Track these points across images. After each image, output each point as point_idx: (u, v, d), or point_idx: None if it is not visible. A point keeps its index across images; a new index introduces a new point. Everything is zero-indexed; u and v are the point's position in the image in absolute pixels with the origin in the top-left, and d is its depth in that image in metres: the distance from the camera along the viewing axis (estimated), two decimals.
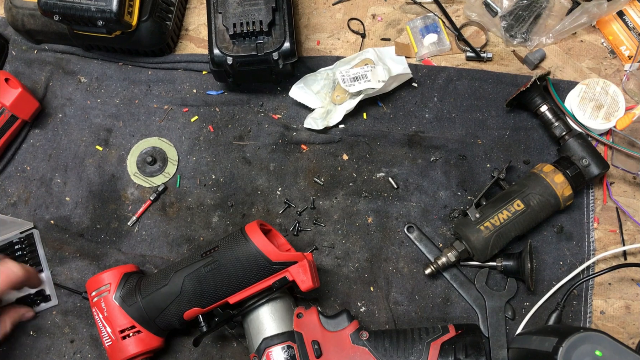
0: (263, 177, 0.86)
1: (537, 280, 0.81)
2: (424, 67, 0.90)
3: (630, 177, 0.85)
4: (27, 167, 0.88)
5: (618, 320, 0.81)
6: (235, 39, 0.80)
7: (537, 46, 0.90)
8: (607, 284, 0.82)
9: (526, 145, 0.87)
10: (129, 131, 0.89)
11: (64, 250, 0.84)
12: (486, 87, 0.89)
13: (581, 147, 0.80)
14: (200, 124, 0.89)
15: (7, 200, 0.86)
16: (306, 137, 0.87)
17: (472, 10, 0.91)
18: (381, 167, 0.86)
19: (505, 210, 0.77)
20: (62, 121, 0.90)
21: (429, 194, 0.85)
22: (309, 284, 0.69)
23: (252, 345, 0.71)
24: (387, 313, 0.80)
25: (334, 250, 0.83)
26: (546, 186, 0.77)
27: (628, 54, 0.89)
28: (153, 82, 0.91)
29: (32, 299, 0.81)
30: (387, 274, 0.82)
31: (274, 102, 0.90)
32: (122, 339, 0.73)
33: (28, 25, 0.88)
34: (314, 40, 0.93)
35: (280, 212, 0.85)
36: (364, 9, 0.94)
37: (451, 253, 0.79)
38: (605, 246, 0.83)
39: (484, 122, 0.88)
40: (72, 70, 0.91)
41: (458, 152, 0.86)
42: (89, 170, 0.87)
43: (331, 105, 0.87)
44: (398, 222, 0.84)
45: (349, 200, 0.85)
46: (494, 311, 0.79)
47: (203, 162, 0.87)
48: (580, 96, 0.85)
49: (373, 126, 0.88)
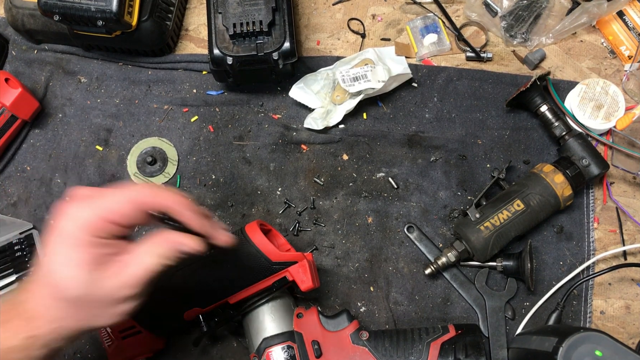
0: (263, 177, 0.86)
1: (537, 280, 0.81)
2: (424, 67, 0.90)
3: (630, 177, 0.85)
4: (27, 167, 0.88)
5: (618, 320, 0.81)
6: (235, 39, 0.80)
7: (537, 46, 0.90)
8: (607, 284, 0.82)
9: (526, 145, 0.87)
10: (129, 131, 0.89)
11: None
12: (486, 87, 0.89)
13: (581, 147, 0.80)
14: (200, 124, 0.89)
15: (7, 200, 0.86)
16: (306, 137, 0.87)
17: (472, 10, 0.91)
18: (381, 167, 0.86)
19: (505, 210, 0.77)
20: (62, 121, 0.90)
21: (429, 194, 0.85)
22: (309, 284, 0.69)
23: (252, 345, 0.71)
24: (387, 313, 0.80)
25: (334, 250, 0.83)
26: (546, 186, 0.78)
27: (628, 54, 0.89)
28: (153, 82, 0.91)
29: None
30: (387, 274, 0.82)
31: (274, 102, 0.90)
32: (122, 339, 0.72)
33: (28, 25, 0.88)
34: (314, 40, 0.93)
35: (280, 212, 0.85)
36: (364, 9, 0.94)
37: (451, 253, 0.79)
38: (605, 246, 0.83)
39: (484, 122, 0.88)
40: (72, 70, 0.91)
41: (458, 152, 0.86)
42: (89, 170, 0.87)
43: (331, 105, 0.87)
44: (398, 222, 0.84)
45: (349, 200, 0.85)
46: (494, 311, 0.79)
47: (203, 162, 0.87)
48: (580, 96, 0.85)
49: (373, 126, 0.88)
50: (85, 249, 0.52)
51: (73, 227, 0.52)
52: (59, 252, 0.52)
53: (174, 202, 0.55)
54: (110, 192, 0.54)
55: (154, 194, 0.55)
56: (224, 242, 0.59)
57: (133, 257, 0.54)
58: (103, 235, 0.53)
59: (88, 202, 0.53)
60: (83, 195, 0.54)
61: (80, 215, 0.52)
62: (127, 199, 0.54)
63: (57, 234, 0.52)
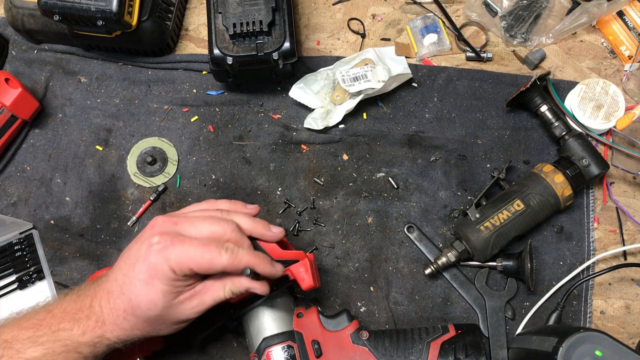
0: (263, 177, 0.86)
1: (537, 280, 0.81)
2: (424, 67, 0.90)
3: (630, 177, 0.85)
4: (27, 167, 0.88)
5: (618, 320, 0.81)
6: (235, 39, 0.80)
7: (537, 46, 0.90)
8: (607, 284, 0.82)
9: (526, 145, 0.87)
10: (129, 131, 0.89)
11: (64, 250, 0.84)
12: (486, 87, 0.89)
13: (581, 147, 0.80)
14: (200, 124, 0.89)
15: (7, 200, 0.86)
16: (306, 137, 0.87)
17: (472, 10, 0.91)
18: (381, 167, 0.86)
19: (505, 210, 0.77)
20: (62, 121, 0.90)
21: (429, 194, 0.85)
22: (310, 283, 0.68)
23: (252, 345, 0.71)
24: (387, 313, 0.80)
25: (334, 250, 0.83)
26: (546, 186, 0.78)
27: (628, 54, 0.89)
28: (153, 82, 0.91)
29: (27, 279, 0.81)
30: (387, 274, 0.82)
31: (274, 102, 0.90)
32: None
33: (28, 25, 0.88)
34: (314, 40, 0.93)
35: (280, 212, 0.85)
36: (364, 9, 0.94)
37: (451, 253, 0.79)
38: (605, 246, 0.83)
39: (484, 122, 0.88)
40: (72, 70, 0.91)
41: (458, 152, 0.86)
42: (89, 170, 0.87)
43: (331, 105, 0.87)
44: (398, 222, 0.84)
45: (349, 200, 0.85)
46: (494, 311, 0.79)
47: (203, 162, 0.87)
48: (580, 96, 0.85)
49: (373, 126, 0.88)
50: (169, 282, 0.60)
51: (164, 266, 0.60)
52: (147, 281, 0.60)
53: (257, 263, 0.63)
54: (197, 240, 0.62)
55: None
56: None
57: (209, 289, 0.63)
58: (187, 274, 0.61)
59: (180, 247, 0.60)
60: (175, 235, 0.61)
61: (172, 257, 0.60)
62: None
63: (148, 267, 0.60)
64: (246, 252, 0.63)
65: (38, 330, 0.60)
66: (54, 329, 0.60)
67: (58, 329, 0.60)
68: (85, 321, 0.61)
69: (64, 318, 0.61)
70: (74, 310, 0.62)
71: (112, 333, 0.61)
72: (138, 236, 0.64)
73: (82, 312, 0.61)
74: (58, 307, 0.62)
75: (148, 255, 0.60)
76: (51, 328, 0.60)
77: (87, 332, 0.61)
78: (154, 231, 0.62)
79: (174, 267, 0.59)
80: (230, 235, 0.63)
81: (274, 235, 0.67)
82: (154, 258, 0.60)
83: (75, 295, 0.64)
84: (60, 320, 0.61)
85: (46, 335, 0.60)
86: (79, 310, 0.62)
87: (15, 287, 0.81)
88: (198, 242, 0.61)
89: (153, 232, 0.62)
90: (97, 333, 0.61)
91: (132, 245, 0.63)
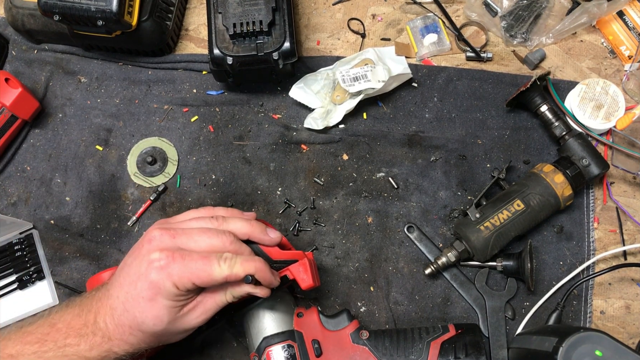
0: (263, 177, 0.86)
1: (537, 280, 0.81)
2: (424, 67, 0.90)
3: (630, 177, 0.85)
4: (27, 167, 0.88)
5: (618, 320, 0.81)
6: (235, 39, 0.80)
7: (537, 46, 0.90)
8: (607, 284, 0.82)
9: (526, 145, 0.87)
10: (129, 131, 0.89)
11: (64, 250, 0.84)
12: (486, 87, 0.89)
13: (581, 147, 0.80)
14: (200, 124, 0.89)
15: (7, 200, 0.86)
16: (306, 137, 0.87)
17: (472, 10, 0.91)
18: (381, 167, 0.86)
19: (505, 210, 0.77)
20: (62, 121, 0.90)
21: (429, 194, 0.85)
22: (310, 283, 0.68)
23: (252, 345, 0.71)
24: (387, 313, 0.80)
25: (334, 250, 0.83)
26: (546, 186, 0.78)
27: (628, 54, 0.89)
28: (153, 82, 0.91)
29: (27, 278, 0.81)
30: (387, 274, 0.82)
31: (274, 102, 0.90)
32: None
33: (28, 25, 0.88)
34: (314, 40, 0.93)
35: (280, 212, 0.85)
36: (364, 9, 0.94)
37: (451, 253, 0.79)
38: (605, 246, 0.83)
39: (484, 122, 0.88)
40: (72, 70, 0.91)
41: (458, 152, 0.86)
42: (89, 170, 0.87)
43: (331, 105, 0.87)
44: (398, 222, 0.84)
45: (349, 200, 0.85)
46: (494, 311, 0.79)
47: (203, 162, 0.87)
48: (580, 96, 0.85)
49: (373, 126, 0.88)
50: (173, 297, 0.60)
51: (167, 283, 0.59)
52: (151, 298, 0.60)
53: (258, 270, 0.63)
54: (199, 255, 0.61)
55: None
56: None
57: (211, 296, 0.63)
58: (189, 288, 0.61)
59: (181, 262, 0.60)
60: (175, 250, 0.61)
61: (174, 273, 0.59)
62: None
63: (151, 284, 0.59)
64: (246, 261, 0.62)
65: (43, 345, 0.60)
66: (60, 345, 0.60)
67: (64, 345, 0.60)
68: (91, 337, 0.61)
69: (69, 333, 0.61)
70: (79, 325, 0.61)
71: (119, 347, 0.61)
72: (135, 249, 0.63)
73: (88, 328, 0.61)
74: (62, 321, 0.62)
75: (149, 272, 0.59)
76: (57, 344, 0.60)
77: (94, 348, 0.61)
78: (152, 246, 0.61)
79: (176, 283, 0.59)
80: (230, 247, 0.62)
81: (271, 240, 0.67)
82: (155, 275, 0.59)
83: (78, 308, 0.63)
84: (66, 335, 0.61)
85: (52, 350, 0.60)
86: (83, 325, 0.61)
87: (15, 287, 0.81)
88: (198, 256, 0.60)
89: (151, 247, 0.61)
90: (104, 348, 0.61)
91: (131, 261, 0.62)
